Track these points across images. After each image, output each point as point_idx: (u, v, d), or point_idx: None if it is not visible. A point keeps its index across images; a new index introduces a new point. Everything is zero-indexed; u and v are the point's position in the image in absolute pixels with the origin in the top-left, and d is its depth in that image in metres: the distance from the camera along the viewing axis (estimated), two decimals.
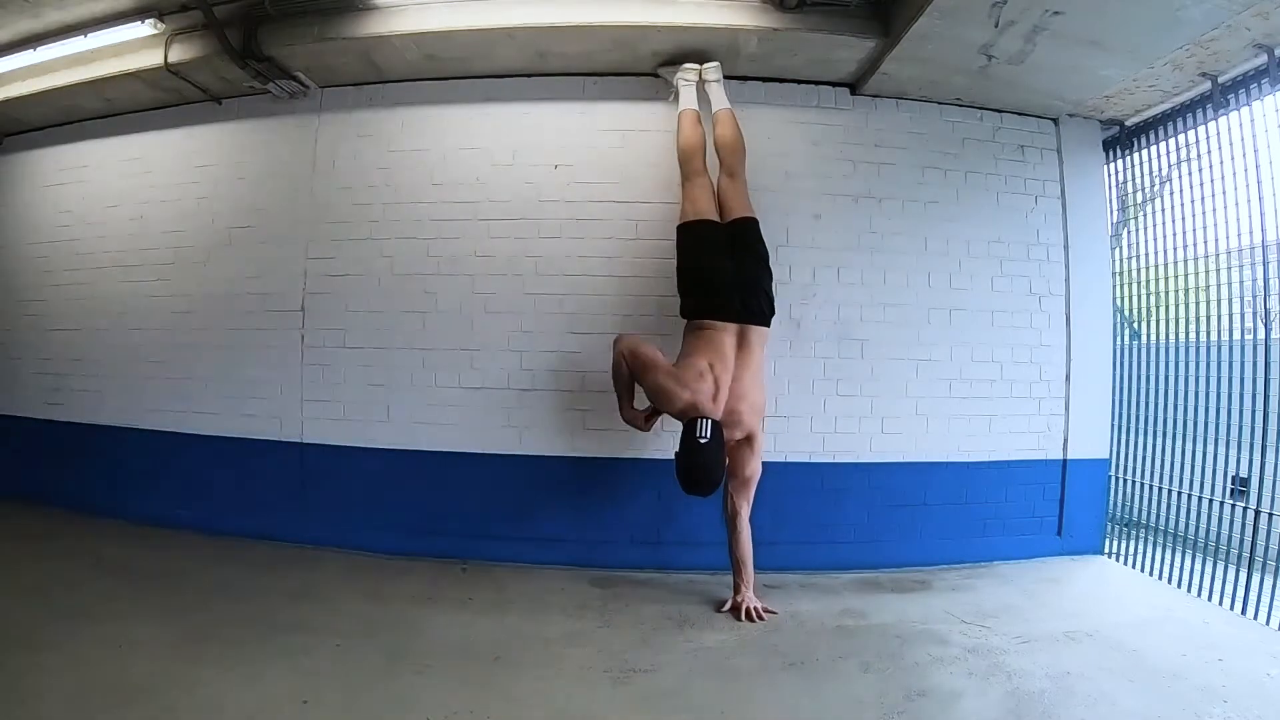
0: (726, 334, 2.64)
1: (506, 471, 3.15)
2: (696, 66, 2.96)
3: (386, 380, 3.23)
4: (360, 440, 3.24)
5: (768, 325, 2.72)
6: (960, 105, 3.25)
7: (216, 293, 3.45)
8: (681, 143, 2.89)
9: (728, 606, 2.61)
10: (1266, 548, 2.71)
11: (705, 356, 2.60)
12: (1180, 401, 3.19)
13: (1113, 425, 3.40)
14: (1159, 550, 3.15)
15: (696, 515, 2.90)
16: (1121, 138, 3.45)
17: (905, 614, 2.59)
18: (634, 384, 2.65)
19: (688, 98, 2.95)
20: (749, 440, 2.64)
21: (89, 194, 3.77)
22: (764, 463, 2.91)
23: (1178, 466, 3.16)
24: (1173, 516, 3.15)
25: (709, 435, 2.46)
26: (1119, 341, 3.48)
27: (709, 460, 2.47)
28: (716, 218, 2.79)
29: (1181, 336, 3.24)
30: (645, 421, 2.71)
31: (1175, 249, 3.26)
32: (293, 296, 3.33)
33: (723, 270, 2.69)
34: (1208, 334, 3.11)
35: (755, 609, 2.55)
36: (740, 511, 2.65)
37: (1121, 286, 3.55)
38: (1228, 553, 2.84)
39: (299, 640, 2.23)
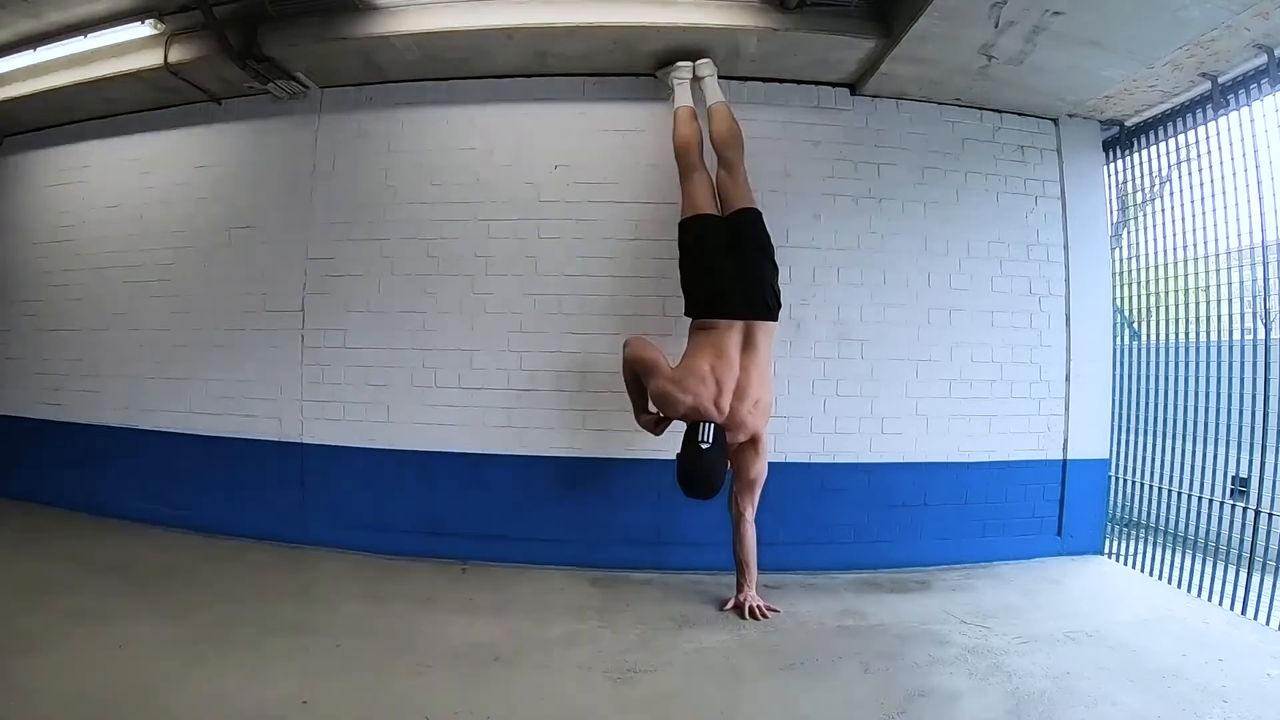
0: (731, 332, 2.59)
1: (506, 471, 3.15)
2: (689, 64, 2.96)
3: (386, 380, 3.23)
4: (360, 440, 3.24)
5: (774, 320, 2.65)
6: (960, 105, 3.25)
7: (216, 293, 3.45)
8: (677, 139, 2.88)
9: (730, 605, 2.61)
10: (1266, 548, 2.70)
11: (707, 358, 2.55)
12: (1180, 401, 3.19)
13: (1113, 425, 3.40)
14: (1159, 550, 3.15)
15: (696, 515, 2.90)
16: (1121, 138, 3.45)
17: (905, 614, 2.59)
18: (643, 388, 2.64)
19: (682, 95, 2.95)
20: (754, 442, 2.60)
21: (89, 194, 3.77)
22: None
23: (1178, 466, 3.16)
24: (1173, 516, 3.15)
25: (710, 440, 2.45)
26: (1119, 341, 3.48)
27: (710, 465, 2.45)
28: (716, 212, 2.77)
29: (1181, 336, 3.24)
30: (657, 426, 2.70)
31: (1175, 249, 3.26)
32: (293, 296, 3.33)
33: (722, 266, 2.65)
34: (1208, 334, 3.11)
35: (758, 607, 2.55)
36: (745, 513, 2.63)
37: (1121, 286, 3.54)
38: (1228, 553, 2.84)
39: (299, 640, 2.23)
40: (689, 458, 2.46)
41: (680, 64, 2.96)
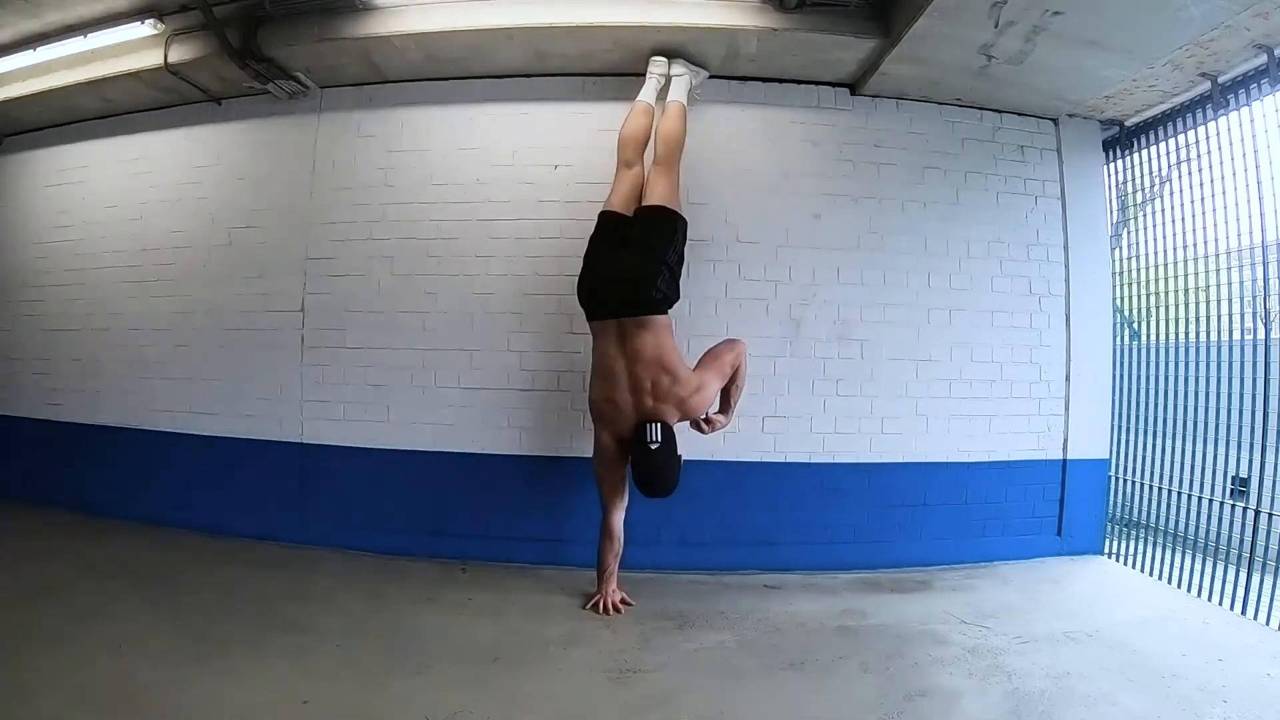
0: (605, 333, 2.61)
1: (506, 471, 3.15)
2: (665, 60, 2.96)
3: (386, 380, 3.22)
4: (360, 440, 3.24)
5: (641, 314, 2.56)
6: (960, 105, 3.25)
7: (216, 293, 3.45)
8: (620, 132, 2.88)
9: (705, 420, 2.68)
10: (1266, 548, 2.70)
11: (595, 383, 2.64)
12: (1180, 401, 3.19)
13: (1113, 425, 3.40)
14: (1159, 550, 3.15)
15: (696, 516, 2.90)
16: (1121, 138, 3.44)
17: (905, 614, 2.59)
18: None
19: (646, 90, 2.95)
20: (690, 415, 2.62)
21: (89, 194, 3.77)
22: (764, 463, 2.90)
23: (1178, 466, 3.16)
24: (1173, 516, 3.15)
25: (659, 439, 2.48)
26: (1119, 341, 3.48)
27: (661, 464, 2.48)
28: (624, 210, 2.77)
29: (1181, 336, 3.24)
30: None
31: (1175, 249, 3.26)
32: (293, 296, 3.33)
33: (594, 265, 2.68)
34: (1208, 334, 3.11)
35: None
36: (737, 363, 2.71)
37: (1121, 286, 3.54)
38: (1228, 553, 2.84)
39: (299, 640, 2.23)
40: (640, 459, 2.49)
41: (656, 59, 2.96)
